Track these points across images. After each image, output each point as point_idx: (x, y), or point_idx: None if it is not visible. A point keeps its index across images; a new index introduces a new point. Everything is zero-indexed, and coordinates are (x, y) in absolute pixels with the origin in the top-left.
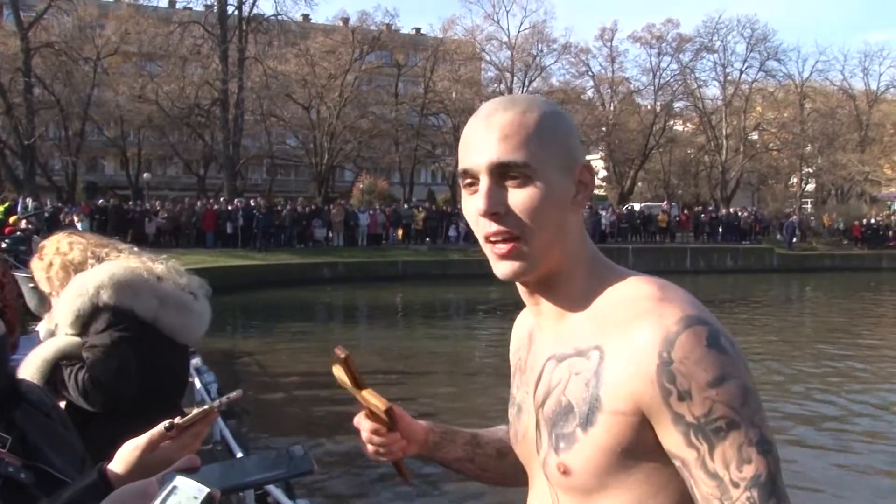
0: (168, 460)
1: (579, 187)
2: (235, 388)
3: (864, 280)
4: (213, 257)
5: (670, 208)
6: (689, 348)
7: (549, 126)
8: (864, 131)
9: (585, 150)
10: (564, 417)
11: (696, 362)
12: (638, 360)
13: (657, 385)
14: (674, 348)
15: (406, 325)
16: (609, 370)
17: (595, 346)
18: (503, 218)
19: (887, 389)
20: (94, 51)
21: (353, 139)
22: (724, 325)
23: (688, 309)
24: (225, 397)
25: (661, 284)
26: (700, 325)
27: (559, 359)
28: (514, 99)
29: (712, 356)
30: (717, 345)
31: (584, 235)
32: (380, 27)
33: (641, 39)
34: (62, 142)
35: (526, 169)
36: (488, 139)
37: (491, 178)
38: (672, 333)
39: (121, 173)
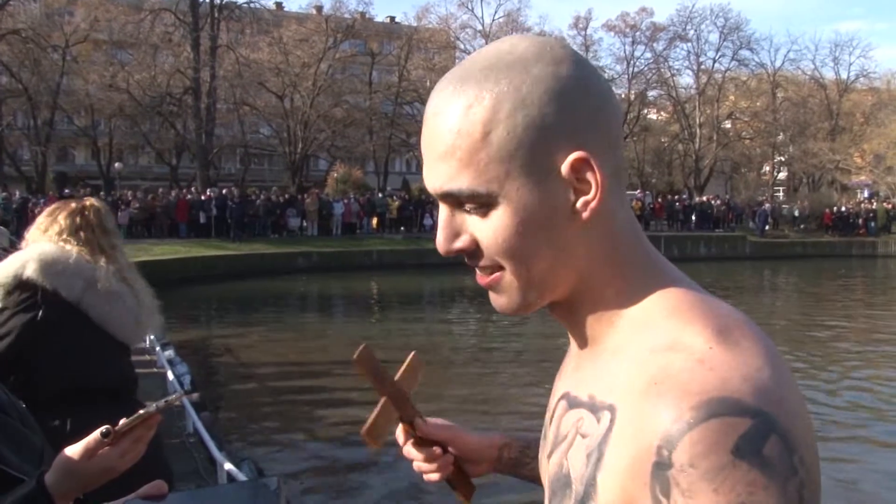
0: (108, 468)
1: (580, 187)
2: (209, 379)
3: (834, 267)
4: (186, 248)
5: (644, 196)
6: (702, 452)
7: (506, 118)
8: (834, 120)
9: None
10: (562, 490)
11: (704, 475)
12: (640, 448)
13: (650, 493)
14: (676, 447)
15: (381, 314)
16: (613, 448)
17: (609, 404)
18: (474, 253)
19: (860, 371)
20: (63, 38)
21: (327, 128)
22: None
23: (731, 385)
24: (163, 401)
25: (721, 330)
26: (738, 416)
27: (570, 403)
28: (469, 72)
29: (737, 471)
30: (751, 453)
31: (614, 242)
32: (353, 15)
33: (615, 28)
34: (31, 131)
35: (478, 198)
36: (430, 154)
37: (446, 206)
38: (683, 422)
39: (92, 163)
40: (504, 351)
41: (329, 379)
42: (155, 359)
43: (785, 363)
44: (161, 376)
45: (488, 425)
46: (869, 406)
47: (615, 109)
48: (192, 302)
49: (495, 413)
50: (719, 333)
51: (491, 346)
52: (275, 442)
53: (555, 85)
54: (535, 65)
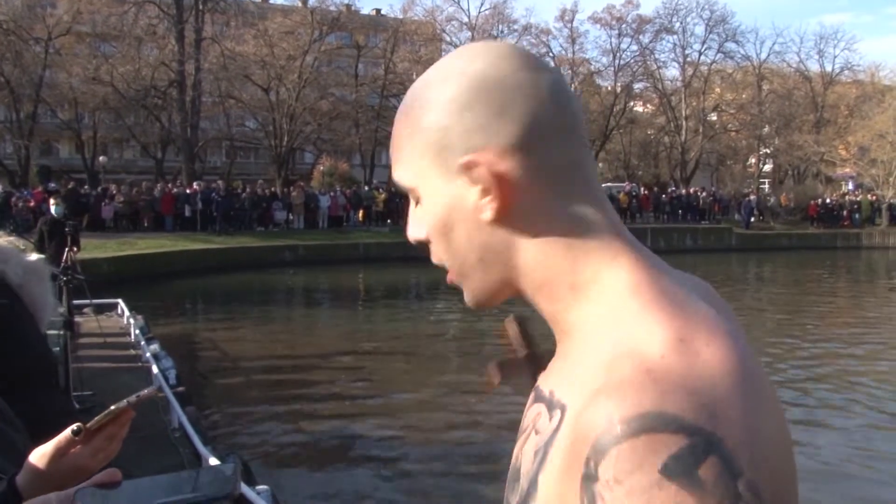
0: (80, 467)
1: (486, 187)
2: (194, 373)
3: (819, 258)
4: (172, 241)
5: (632, 189)
6: (628, 469)
7: (431, 115)
8: (819, 113)
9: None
10: (513, 483)
11: (629, 494)
12: (575, 456)
13: (580, 502)
14: (604, 460)
15: (368, 307)
16: (556, 450)
17: (562, 404)
18: (428, 246)
19: (844, 361)
20: (45, 30)
21: (313, 121)
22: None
23: (673, 399)
24: (135, 395)
25: (681, 338)
26: (671, 433)
27: (536, 396)
28: (415, 85)
29: (661, 493)
30: (684, 474)
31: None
32: (339, 8)
33: (602, 21)
34: (13, 124)
35: (411, 192)
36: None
37: (408, 200)
38: (612, 436)
39: (76, 157)
40: (491, 343)
41: (316, 372)
42: (140, 353)
43: (758, 375)
44: (146, 370)
45: (475, 416)
46: (854, 399)
47: (555, 105)
48: (178, 296)
49: (483, 403)
50: (680, 341)
51: (478, 338)
52: (261, 436)
53: (459, 84)
54: (474, 61)
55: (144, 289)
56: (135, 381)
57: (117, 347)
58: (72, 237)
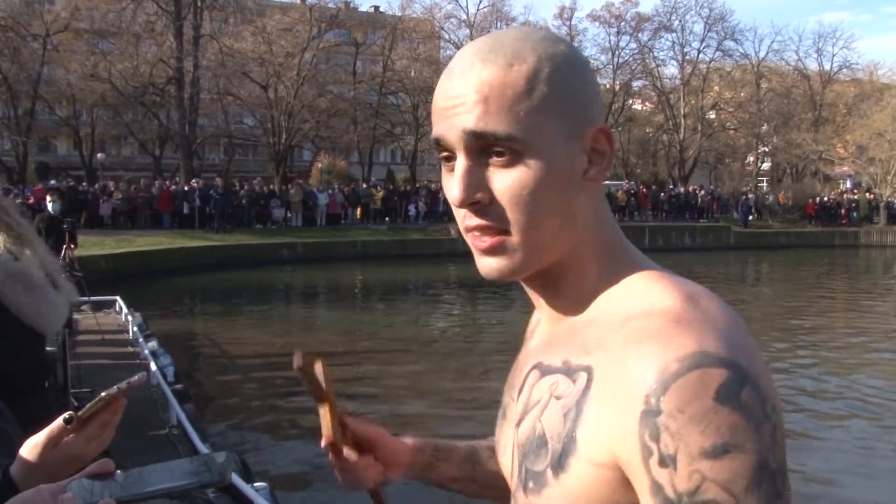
0: (73, 456)
1: (593, 157)
2: (192, 371)
3: (818, 257)
4: (170, 238)
5: (630, 187)
6: (688, 398)
7: (547, 80)
8: (817, 111)
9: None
10: (536, 451)
11: (691, 419)
12: (625, 401)
13: (638, 439)
14: (666, 394)
15: (366, 304)
16: (592, 404)
17: (586, 365)
18: (486, 208)
19: (841, 362)
20: (43, 27)
21: (312, 118)
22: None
23: (707, 340)
24: (125, 382)
25: (688, 296)
26: (717, 367)
27: (543, 371)
28: (500, 44)
29: (720, 414)
30: (732, 399)
31: (601, 220)
32: (338, 5)
33: (600, 18)
34: (11, 121)
35: (513, 143)
36: (461, 102)
37: (468, 156)
38: (669, 374)
39: (74, 154)
40: (488, 341)
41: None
42: (138, 350)
43: (744, 326)
44: (144, 368)
45: (474, 413)
46: (854, 398)
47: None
48: (176, 293)
49: (481, 401)
50: (689, 300)
51: (476, 335)
52: (259, 433)
53: (577, 61)
54: (559, 43)
55: (142, 286)
56: (130, 379)
57: (115, 345)
58: (69, 234)
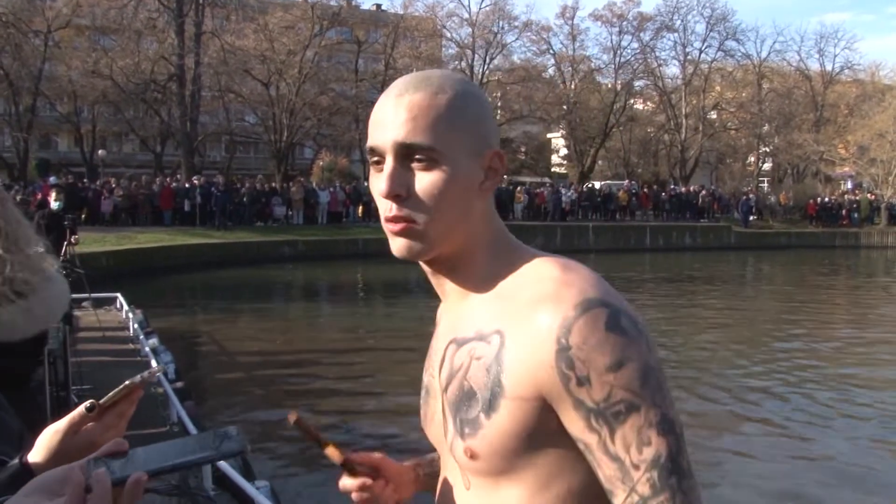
0: (92, 443)
1: (488, 173)
2: (193, 368)
3: (818, 257)
4: (171, 236)
5: (631, 186)
6: (587, 333)
7: (461, 109)
8: (819, 112)
9: (546, 128)
10: (467, 402)
11: (593, 347)
12: (538, 346)
13: (556, 371)
14: (571, 333)
15: (367, 302)
16: (510, 355)
17: (496, 329)
18: (405, 201)
19: (841, 365)
20: (45, 23)
21: (313, 116)
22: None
23: (588, 291)
24: (147, 372)
25: (563, 265)
26: (599, 307)
27: (459, 343)
28: (429, 77)
29: (611, 339)
30: (616, 327)
31: (490, 218)
32: (340, 3)
33: (602, 18)
34: (12, 117)
35: (431, 152)
36: (396, 119)
37: (396, 159)
38: (570, 318)
39: (75, 150)
40: None
41: (315, 367)
42: (139, 347)
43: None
44: (145, 365)
45: None
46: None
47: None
48: (177, 290)
49: None
50: (564, 266)
51: None
52: (260, 431)
53: (483, 99)
54: (469, 83)
55: (143, 283)
56: (134, 376)
57: (116, 342)
58: (70, 231)
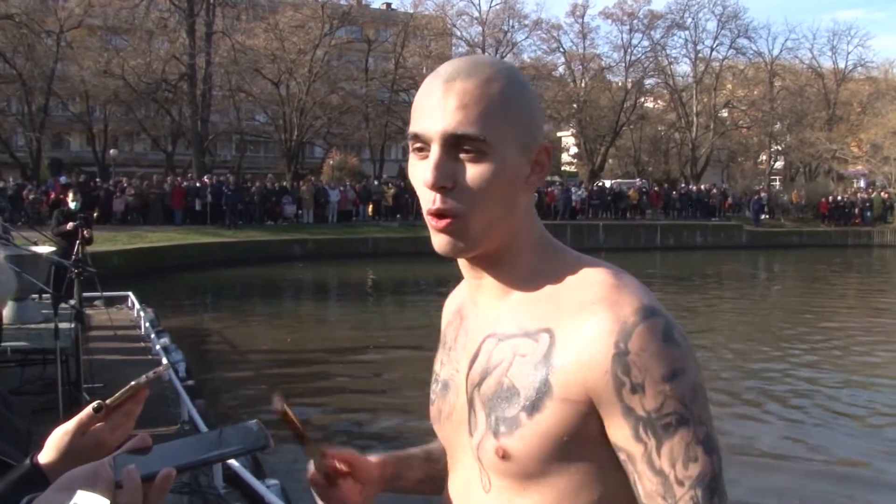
0: (100, 443)
1: (535, 168)
2: (204, 367)
3: (830, 256)
4: (181, 234)
5: (642, 185)
6: (646, 340)
7: (513, 99)
8: (831, 110)
9: (557, 127)
10: (507, 400)
11: (652, 355)
12: (592, 348)
13: (611, 375)
14: (630, 339)
15: (377, 301)
16: (560, 355)
17: (545, 328)
18: (449, 192)
19: (852, 366)
20: (57, 24)
21: (323, 115)
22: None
23: (643, 299)
24: (152, 372)
25: (615, 271)
26: (656, 317)
27: (501, 338)
28: (479, 63)
29: (668, 350)
30: (671, 339)
31: (533, 216)
32: (350, 2)
33: (613, 16)
34: (25, 117)
35: (482, 144)
36: (445, 106)
37: (443, 149)
38: (629, 324)
39: (87, 150)
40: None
41: (326, 366)
42: (150, 346)
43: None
44: (156, 363)
45: None
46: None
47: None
48: (188, 289)
49: None
50: (615, 273)
51: None
52: (271, 429)
53: (532, 91)
54: (520, 73)
55: (155, 282)
56: (142, 375)
57: (127, 340)
58: (82, 229)
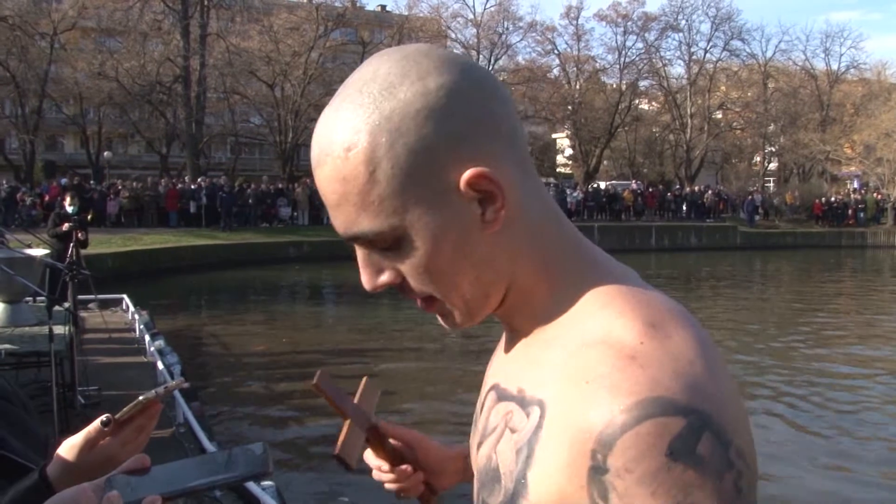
0: (109, 458)
1: (482, 203)
2: (199, 369)
3: (824, 257)
4: (176, 237)
5: (637, 186)
6: (636, 456)
7: (387, 155)
8: (825, 111)
9: (551, 129)
10: (491, 485)
11: (640, 480)
12: (574, 451)
13: (587, 495)
14: (612, 451)
15: (373, 303)
16: (543, 446)
17: (539, 400)
18: (403, 284)
19: (844, 363)
20: (51, 25)
21: (318, 117)
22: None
23: (664, 381)
24: (163, 387)
25: (651, 324)
26: (672, 416)
27: (499, 395)
28: (336, 121)
29: (672, 473)
30: (687, 454)
31: (531, 245)
32: (344, 4)
33: (607, 18)
34: (18, 119)
35: (382, 237)
36: (326, 202)
37: (359, 246)
38: (616, 426)
39: (81, 152)
40: (496, 338)
41: (321, 368)
42: (144, 348)
43: (718, 353)
44: (151, 366)
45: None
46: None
47: (503, 101)
48: (182, 291)
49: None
50: (651, 326)
51: (483, 333)
52: (266, 431)
53: (425, 103)
54: (399, 87)
55: (149, 284)
56: (140, 377)
57: (122, 343)
58: (76, 232)
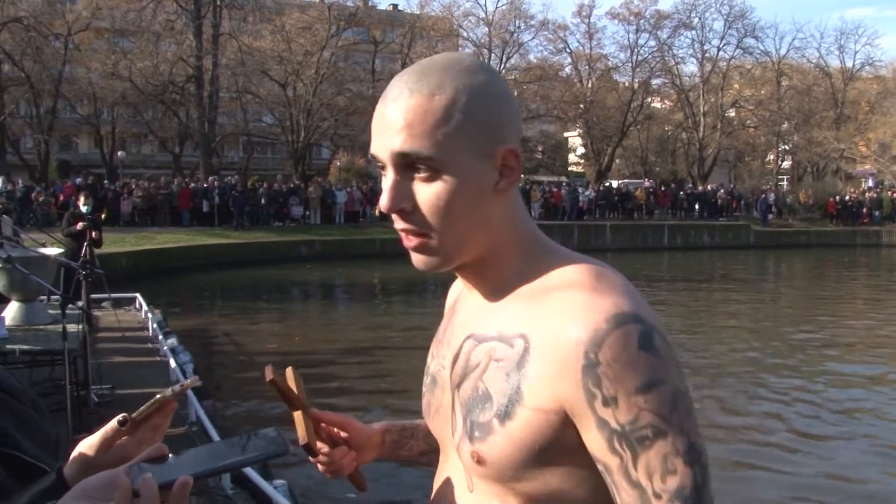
0: (125, 457)
1: (503, 171)
2: (212, 368)
3: (838, 256)
4: (189, 236)
5: (649, 185)
6: (619, 350)
7: (463, 108)
8: (839, 109)
9: (563, 127)
10: (481, 405)
11: (624, 366)
12: (564, 358)
13: (582, 387)
14: (601, 349)
15: (384, 302)
16: (533, 363)
17: (520, 334)
18: (410, 215)
19: (859, 364)
20: (65, 26)
21: (330, 116)
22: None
23: (621, 304)
24: (178, 385)
25: (597, 272)
26: (632, 323)
27: (479, 339)
28: (426, 74)
29: (643, 359)
30: (649, 346)
31: (515, 218)
32: (356, 3)
33: (619, 16)
34: (33, 119)
35: (431, 162)
36: (392, 126)
37: (396, 170)
38: (601, 332)
39: (95, 152)
40: None
41: (333, 367)
42: (157, 347)
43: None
44: (163, 365)
45: None
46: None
47: (518, 108)
48: (195, 290)
49: None
50: (598, 274)
51: None
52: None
53: (493, 90)
54: (478, 73)
55: (162, 283)
56: (153, 375)
57: (135, 341)
58: (89, 231)
